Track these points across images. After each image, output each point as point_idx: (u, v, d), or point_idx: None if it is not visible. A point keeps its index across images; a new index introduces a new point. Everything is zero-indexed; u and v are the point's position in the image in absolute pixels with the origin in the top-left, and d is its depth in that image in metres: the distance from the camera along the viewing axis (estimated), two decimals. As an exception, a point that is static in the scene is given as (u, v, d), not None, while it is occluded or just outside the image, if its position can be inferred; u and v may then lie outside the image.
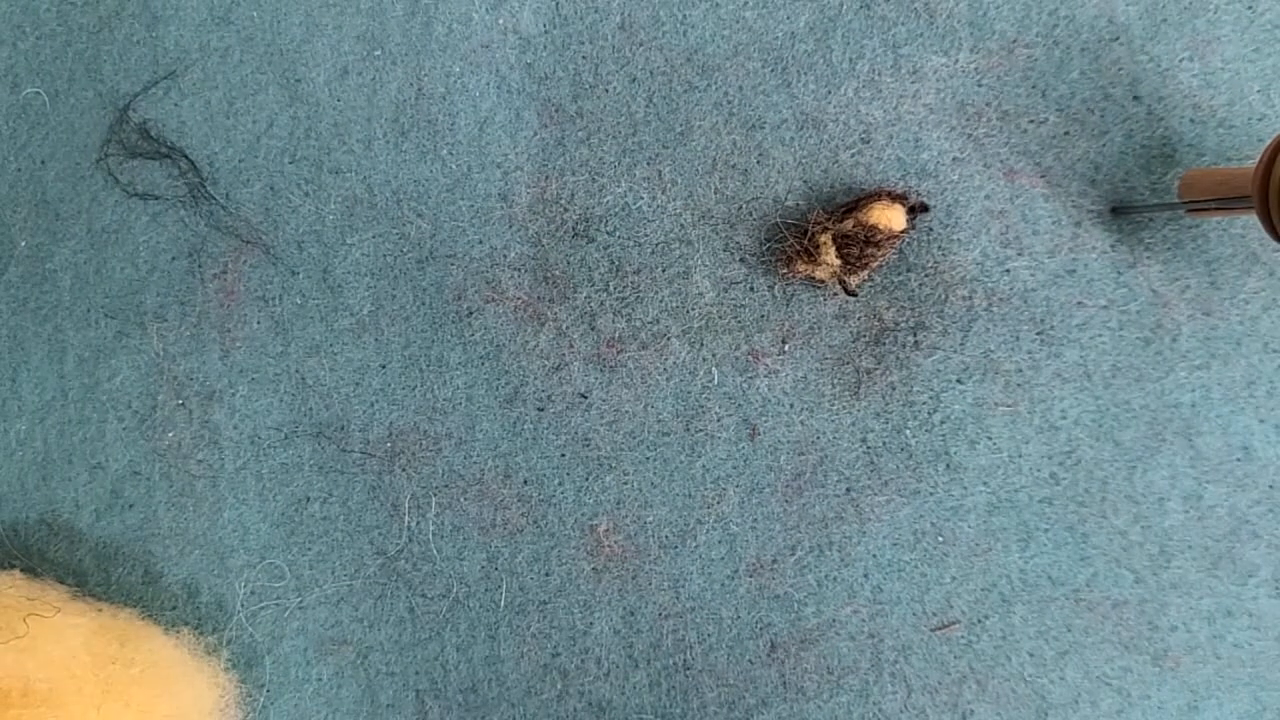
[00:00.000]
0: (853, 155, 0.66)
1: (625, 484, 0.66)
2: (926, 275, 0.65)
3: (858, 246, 0.62)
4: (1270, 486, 0.63)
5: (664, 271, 0.66)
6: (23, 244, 0.70)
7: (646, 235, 0.66)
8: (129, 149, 0.69)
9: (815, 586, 0.65)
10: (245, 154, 0.69)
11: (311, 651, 0.67)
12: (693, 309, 0.66)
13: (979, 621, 0.64)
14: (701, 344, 0.66)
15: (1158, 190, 0.64)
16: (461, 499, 0.67)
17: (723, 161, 0.66)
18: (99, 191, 0.69)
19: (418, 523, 0.67)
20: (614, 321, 0.66)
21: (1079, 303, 0.64)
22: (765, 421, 0.65)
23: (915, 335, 0.65)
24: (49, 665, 0.60)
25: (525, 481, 0.66)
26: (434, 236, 0.68)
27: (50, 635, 0.61)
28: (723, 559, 0.65)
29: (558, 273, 0.67)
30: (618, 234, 0.67)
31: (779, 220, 0.66)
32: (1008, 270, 0.64)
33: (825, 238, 0.63)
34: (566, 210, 0.67)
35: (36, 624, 0.61)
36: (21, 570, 0.67)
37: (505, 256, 0.67)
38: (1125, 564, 0.63)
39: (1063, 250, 0.64)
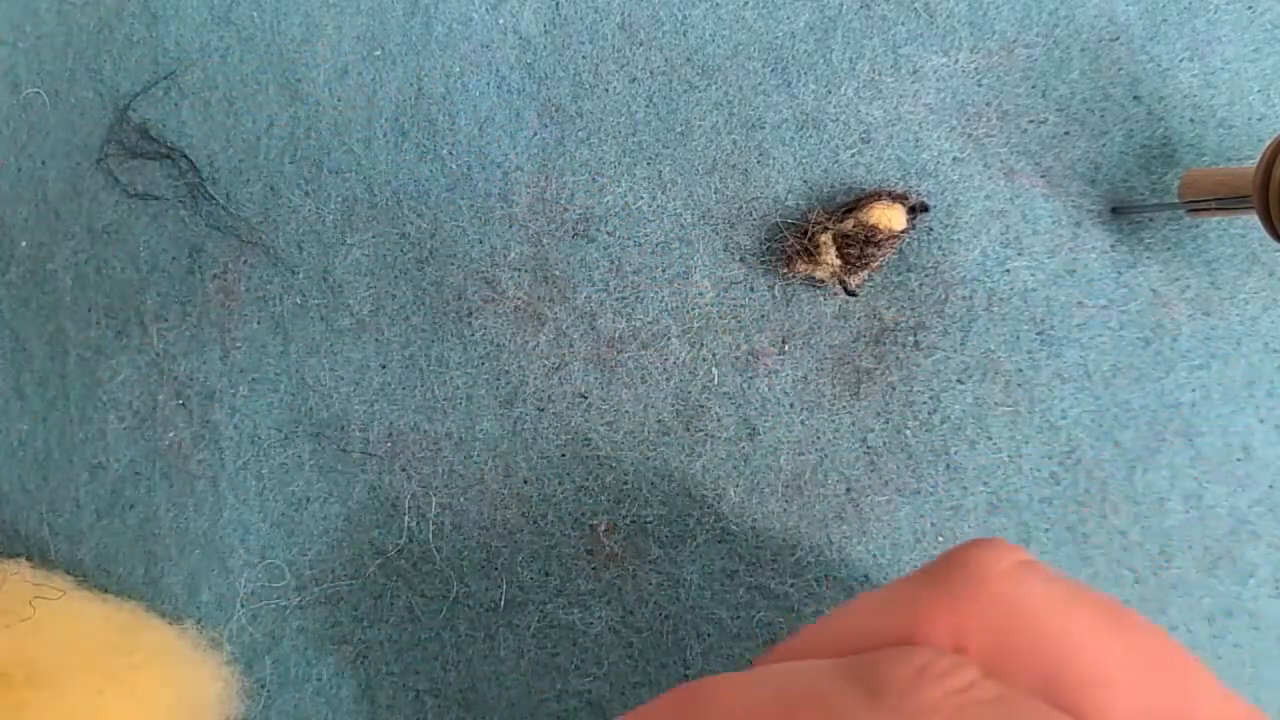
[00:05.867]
0: (853, 155, 0.65)
1: (625, 484, 0.66)
2: (926, 275, 0.65)
3: (858, 246, 0.62)
4: (1270, 486, 0.63)
5: (664, 271, 0.66)
6: (23, 244, 0.70)
7: (646, 235, 0.66)
8: (129, 149, 0.69)
9: (814, 586, 0.65)
10: (245, 154, 0.69)
11: (311, 651, 0.67)
12: (693, 309, 0.66)
13: (979, 621, 0.64)
14: (701, 344, 0.66)
15: (1158, 190, 0.64)
16: (461, 499, 0.67)
17: (723, 161, 0.66)
18: (99, 191, 0.69)
19: (418, 523, 0.67)
20: (614, 321, 0.66)
21: (1079, 303, 0.64)
22: (765, 421, 0.65)
23: (915, 335, 0.65)
24: (54, 649, 0.60)
25: (525, 481, 0.66)
26: (434, 236, 0.67)
27: (56, 620, 0.61)
28: (722, 559, 0.65)
29: (558, 273, 0.67)
30: (618, 234, 0.67)
31: (779, 220, 0.65)
32: (1008, 270, 0.64)
33: (825, 237, 0.63)
34: (566, 210, 0.67)
35: (43, 608, 0.61)
36: (28, 559, 0.67)
37: (505, 256, 0.67)
38: (1125, 564, 0.63)
39: (1063, 250, 0.64)
